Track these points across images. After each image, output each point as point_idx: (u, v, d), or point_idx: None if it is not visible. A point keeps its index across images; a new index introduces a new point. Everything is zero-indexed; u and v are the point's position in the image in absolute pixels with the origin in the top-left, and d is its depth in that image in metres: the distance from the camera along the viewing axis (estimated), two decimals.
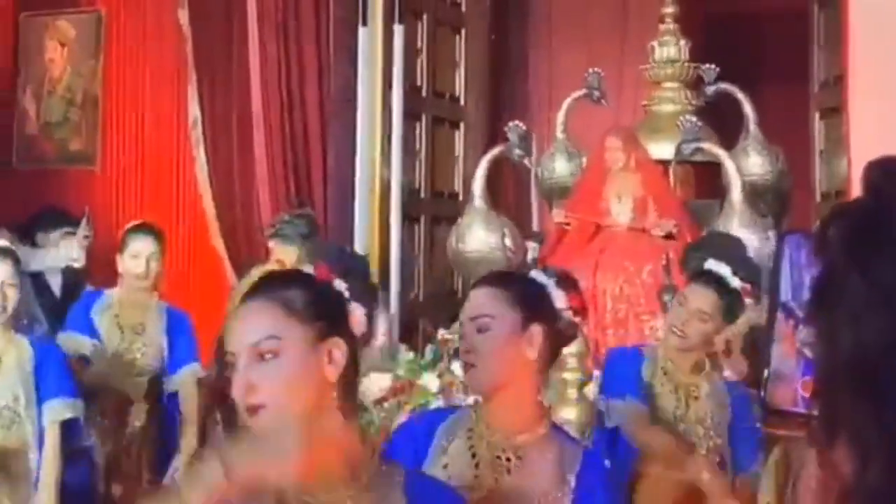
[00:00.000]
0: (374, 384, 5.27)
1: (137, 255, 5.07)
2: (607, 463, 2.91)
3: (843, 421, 1.25)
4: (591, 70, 7.33)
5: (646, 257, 6.38)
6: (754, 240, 6.03)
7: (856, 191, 2.75)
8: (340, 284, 2.26)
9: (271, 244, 6.16)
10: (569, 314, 2.70)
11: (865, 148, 5.33)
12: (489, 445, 2.58)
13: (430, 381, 5.35)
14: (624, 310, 6.34)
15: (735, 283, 3.80)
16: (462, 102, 7.98)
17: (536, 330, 2.61)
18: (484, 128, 8.06)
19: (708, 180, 7.13)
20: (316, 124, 7.69)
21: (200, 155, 7.81)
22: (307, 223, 6.20)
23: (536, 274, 2.75)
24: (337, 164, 7.40)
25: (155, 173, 8.37)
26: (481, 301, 2.64)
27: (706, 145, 6.83)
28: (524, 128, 7.13)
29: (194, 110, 7.79)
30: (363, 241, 6.87)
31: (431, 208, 7.61)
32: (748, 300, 4.35)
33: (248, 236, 7.70)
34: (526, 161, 7.28)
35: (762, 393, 3.64)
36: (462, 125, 7.96)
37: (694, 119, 6.90)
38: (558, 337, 2.70)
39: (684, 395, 3.95)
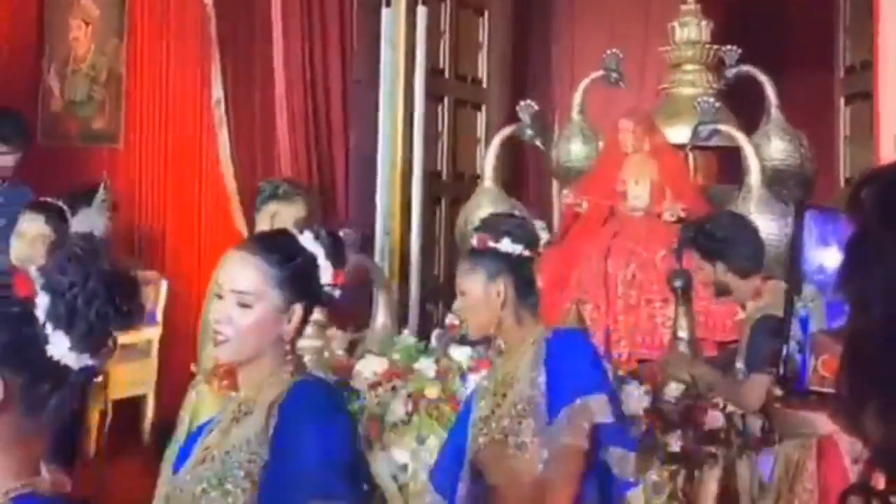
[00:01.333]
0: (368, 368, 5.18)
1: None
2: None
3: (874, 385, 1.25)
4: (609, 51, 7.23)
5: (659, 242, 6.26)
6: (773, 226, 6.00)
7: None
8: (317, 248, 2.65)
9: (273, 207, 5.33)
10: (332, 290, 2.69)
11: (892, 133, 5.32)
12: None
13: (427, 366, 5.22)
14: (635, 296, 6.27)
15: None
16: (484, 85, 7.97)
17: (297, 309, 2.64)
18: (506, 110, 8.03)
19: (731, 166, 7.03)
20: (338, 105, 7.69)
21: (223, 134, 7.81)
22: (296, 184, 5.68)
23: (307, 240, 2.67)
24: (359, 146, 7.41)
25: (178, 152, 8.38)
26: (247, 274, 2.63)
27: (724, 128, 6.73)
28: (536, 107, 7.07)
29: (217, 90, 7.79)
30: (385, 222, 6.88)
31: (453, 190, 7.61)
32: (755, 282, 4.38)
33: None
34: (537, 142, 7.20)
35: (782, 371, 3.61)
36: (484, 107, 7.96)
37: (712, 100, 6.79)
38: (312, 310, 2.73)
39: None
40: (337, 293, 2.71)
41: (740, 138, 6.65)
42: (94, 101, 8.75)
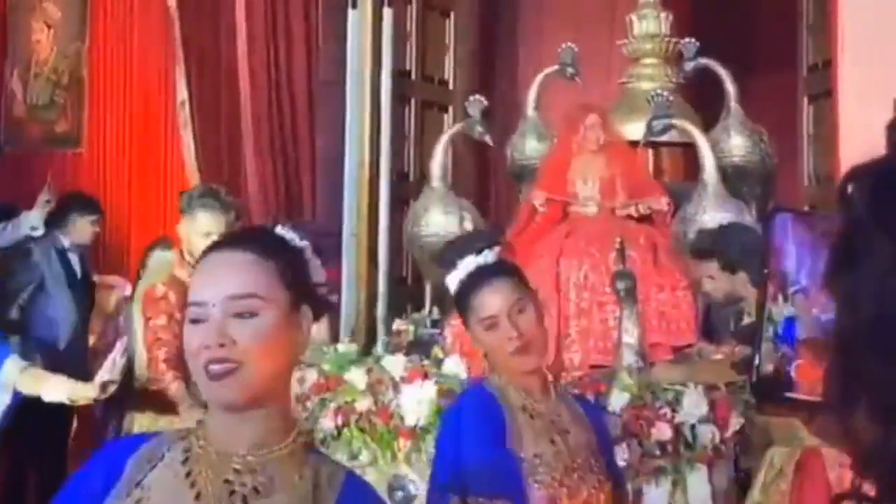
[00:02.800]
0: (294, 379, 4.82)
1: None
2: None
3: (864, 385, 1.22)
4: (564, 45, 6.98)
5: (613, 242, 5.77)
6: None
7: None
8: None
9: (200, 215, 4.95)
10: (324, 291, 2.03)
11: (854, 133, 5.33)
12: (216, 470, 1.87)
13: (358, 377, 4.88)
14: (588, 299, 5.87)
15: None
16: (451, 86, 7.94)
17: (307, 313, 1.94)
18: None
19: (697, 162, 6.93)
20: (304, 107, 7.67)
21: (188, 136, 7.77)
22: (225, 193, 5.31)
23: (286, 232, 1.97)
24: (325, 147, 7.38)
25: (142, 155, 8.34)
26: (244, 273, 1.86)
27: (678, 122, 6.47)
28: (485, 103, 6.82)
29: (182, 92, 7.75)
30: (351, 224, 6.84)
31: (420, 192, 7.57)
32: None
33: (235, 217, 7.67)
34: (487, 138, 6.89)
35: (753, 378, 3.54)
36: (451, 109, 7.92)
37: (665, 94, 6.53)
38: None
39: None
40: (333, 297, 2.46)
41: (694, 133, 6.43)
42: (56, 104, 8.70)
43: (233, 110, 7.69)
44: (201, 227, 4.83)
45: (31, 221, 6.36)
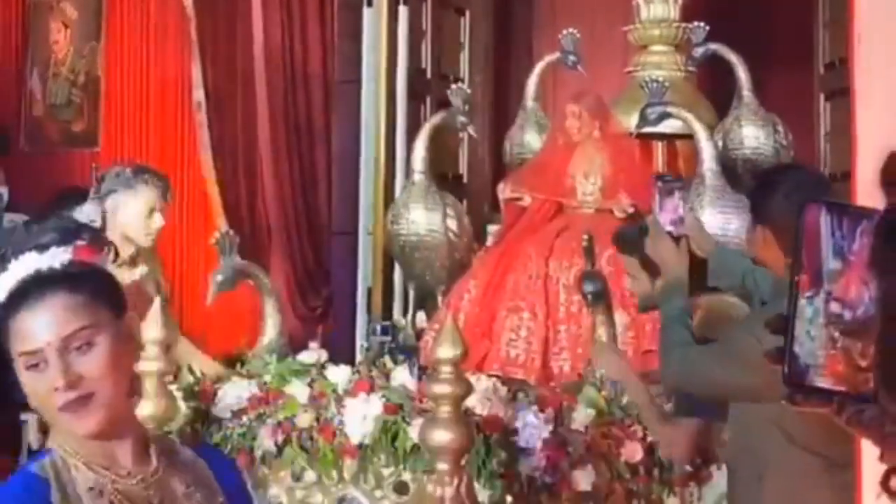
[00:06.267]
0: (231, 393, 4.49)
1: None
2: None
3: None
4: (565, 31, 6.71)
5: (608, 242, 4.89)
6: (720, 219, 5.50)
7: (862, 173, 2.74)
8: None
9: (144, 191, 4.73)
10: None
11: (870, 131, 5.31)
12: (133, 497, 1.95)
13: (299, 390, 4.51)
14: (578, 302, 5.32)
15: None
16: (467, 84, 7.96)
17: (133, 318, 2.04)
18: (489, 110, 8.03)
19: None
20: (320, 106, 7.69)
21: (204, 136, 7.80)
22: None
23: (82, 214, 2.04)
24: (341, 146, 7.40)
25: (158, 155, 8.36)
26: (64, 310, 1.91)
27: (674, 109, 6.03)
28: (468, 91, 6.63)
29: (198, 92, 7.77)
30: (367, 222, 6.87)
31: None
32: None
33: (252, 217, 7.71)
34: (470, 129, 6.65)
35: (786, 370, 3.40)
36: (467, 109, 7.93)
37: (660, 79, 6.17)
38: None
39: None
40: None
41: (691, 120, 6.03)
42: (73, 104, 8.74)
43: (249, 110, 7.71)
44: (144, 204, 4.66)
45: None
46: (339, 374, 4.54)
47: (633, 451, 4.20)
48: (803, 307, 1.31)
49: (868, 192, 2.65)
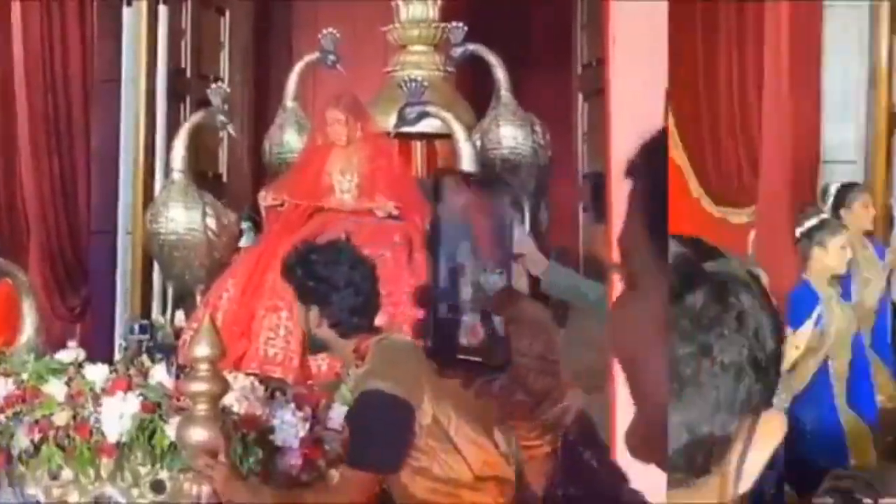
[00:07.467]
0: None
1: None
2: None
3: None
4: (325, 31, 6.78)
5: (368, 242, 5.02)
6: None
7: (616, 172, 2.97)
8: None
9: None
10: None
11: (624, 128, 5.57)
12: None
13: (57, 388, 4.51)
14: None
15: None
16: (227, 84, 8.03)
17: None
18: (249, 110, 8.12)
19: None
20: (80, 105, 7.63)
21: None
22: None
23: None
24: (101, 145, 7.36)
25: None
26: None
27: (433, 109, 6.17)
28: (228, 90, 6.66)
29: None
30: (127, 221, 6.90)
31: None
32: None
33: (11, 216, 7.61)
34: (230, 128, 6.68)
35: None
36: (226, 108, 8.00)
37: (419, 79, 6.28)
38: None
39: None
40: None
41: (450, 119, 6.16)
42: None
43: (8, 108, 7.60)
44: None
45: None
46: (96, 373, 4.59)
47: None
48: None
49: (622, 189, 2.90)
